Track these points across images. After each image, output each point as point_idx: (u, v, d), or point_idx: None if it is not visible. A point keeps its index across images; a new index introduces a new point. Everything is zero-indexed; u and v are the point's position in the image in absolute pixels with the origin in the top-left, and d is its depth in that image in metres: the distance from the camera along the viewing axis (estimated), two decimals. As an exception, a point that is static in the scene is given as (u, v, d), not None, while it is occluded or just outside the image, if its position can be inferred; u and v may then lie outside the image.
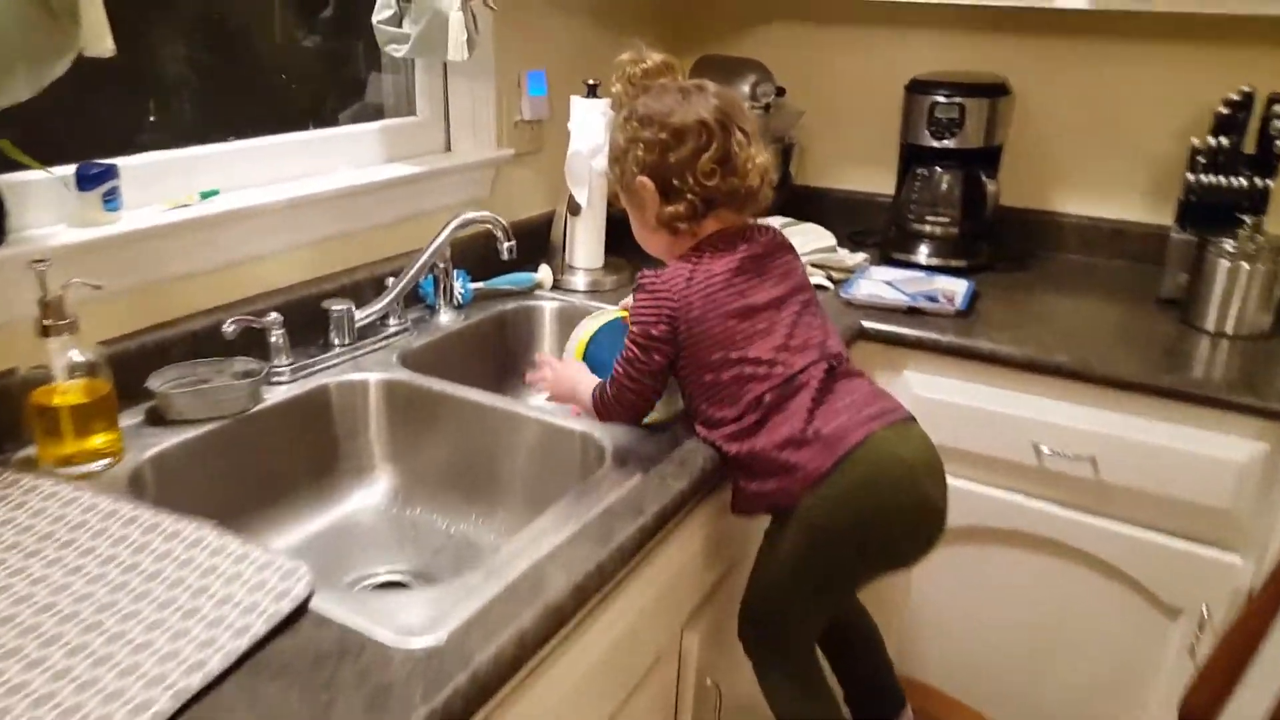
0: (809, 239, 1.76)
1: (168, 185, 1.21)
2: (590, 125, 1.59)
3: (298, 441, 1.20)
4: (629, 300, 1.31)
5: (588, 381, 1.20)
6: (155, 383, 1.11)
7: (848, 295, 1.65)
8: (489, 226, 1.37)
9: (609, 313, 1.32)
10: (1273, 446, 1.35)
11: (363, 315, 1.34)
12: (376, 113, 1.62)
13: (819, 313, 1.16)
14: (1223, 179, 1.58)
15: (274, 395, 1.18)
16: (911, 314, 1.61)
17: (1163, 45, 1.80)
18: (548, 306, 1.60)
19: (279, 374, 1.22)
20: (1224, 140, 1.57)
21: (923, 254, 1.86)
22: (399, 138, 1.56)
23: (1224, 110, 1.58)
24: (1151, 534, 1.45)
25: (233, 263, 1.26)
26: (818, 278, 1.73)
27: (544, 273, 1.65)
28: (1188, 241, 1.63)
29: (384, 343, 1.36)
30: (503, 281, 1.61)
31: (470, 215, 1.37)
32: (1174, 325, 1.59)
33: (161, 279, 1.18)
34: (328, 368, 1.27)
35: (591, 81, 1.61)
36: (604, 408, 1.15)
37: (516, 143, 1.73)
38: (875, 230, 2.00)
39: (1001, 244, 1.90)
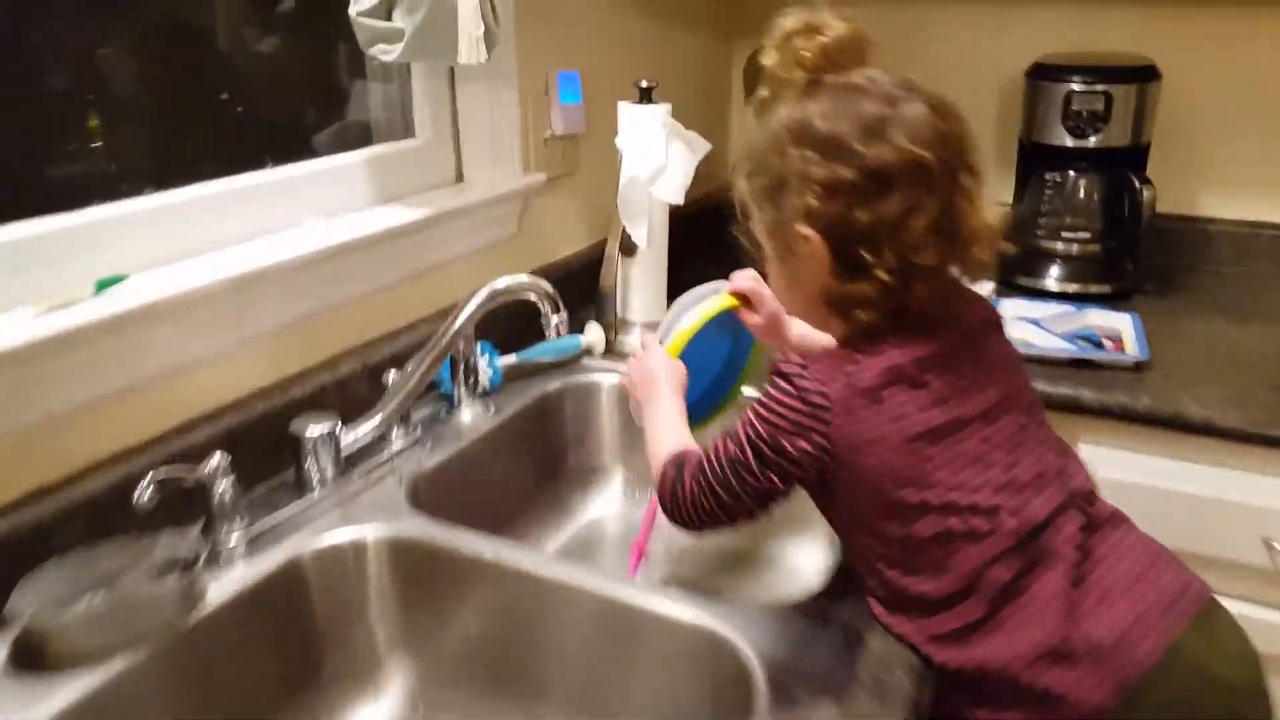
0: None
1: (44, 273, 0.75)
2: (646, 140, 1.13)
3: (263, 649, 0.75)
4: (743, 277, 0.88)
5: (666, 424, 0.79)
6: (24, 600, 0.65)
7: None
8: (529, 296, 0.91)
9: (716, 299, 0.89)
10: None
11: (352, 438, 0.88)
12: (363, 135, 1.16)
13: (1045, 423, 0.71)
14: None
15: (222, 584, 0.73)
16: (1077, 366, 1.16)
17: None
18: (605, 383, 1.14)
19: (229, 547, 0.76)
20: None
21: (1052, 278, 1.40)
22: (393, 168, 1.10)
23: None
24: None
25: (153, 378, 0.80)
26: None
27: (593, 333, 1.19)
28: None
29: (385, 468, 0.91)
30: (542, 352, 1.15)
31: (503, 283, 0.91)
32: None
33: (35, 422, 0.72)
34: (304, 525, 0.81)
35: (645, 83, 1.15)
36: (670, 494, 0.72)
37: (548, 164, 1.26)
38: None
39: (1141, 261, 1.44)
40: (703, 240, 1.27)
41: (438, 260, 1.12)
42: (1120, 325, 1.25)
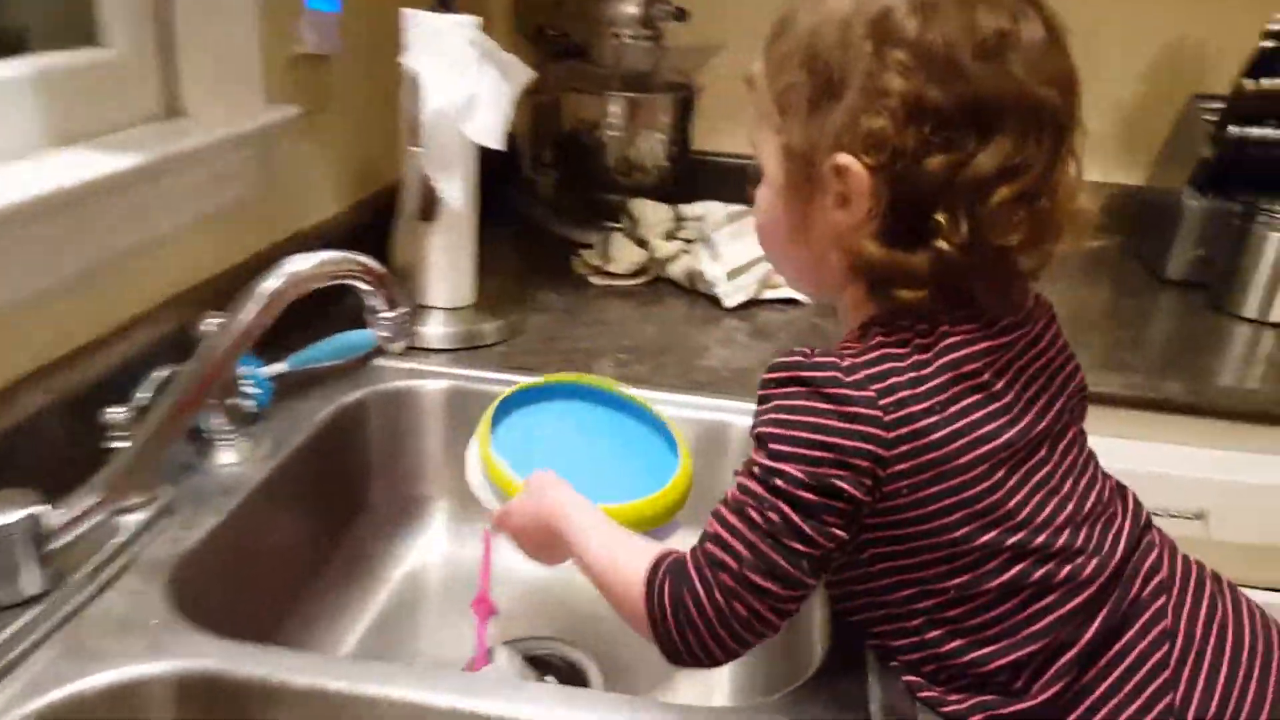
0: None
1: None
2: (450, 62, 0.90)
3: None
4: None
5: (599, 537, 0.60)
6: None
7: (849, 317, 1.12)
8: (353, 279, 0.66)
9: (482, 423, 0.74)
10: None
11: (62, 521, 0.58)
12: (13, 42, 0.80)
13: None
14: (1272, 132, 1.25)
15: None
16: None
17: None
18: (427, 389, 0.91)
19: None
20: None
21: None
22: (74, 93, 0.76)
23: (1268, 44, 1.23)
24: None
25: None
26: (786, 289, 1.19)
27: (385, 326, 0.94)
28: (1214, 209, 1.30)
29: (122, 558, 0.62)
30: (322, 354, 0.88)
31: (303, 264, 0.63)
32: (1208, 316, 1.25)
33: None
34: (8, 673, 0.52)
35: (442, -14, 0.92)
36: (677, 620, 0.52)
37: (297, 94, 0.98)
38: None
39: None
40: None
41: (152, 233, 0.81)
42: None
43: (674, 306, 1.16)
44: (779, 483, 0.50)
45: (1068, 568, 0.52)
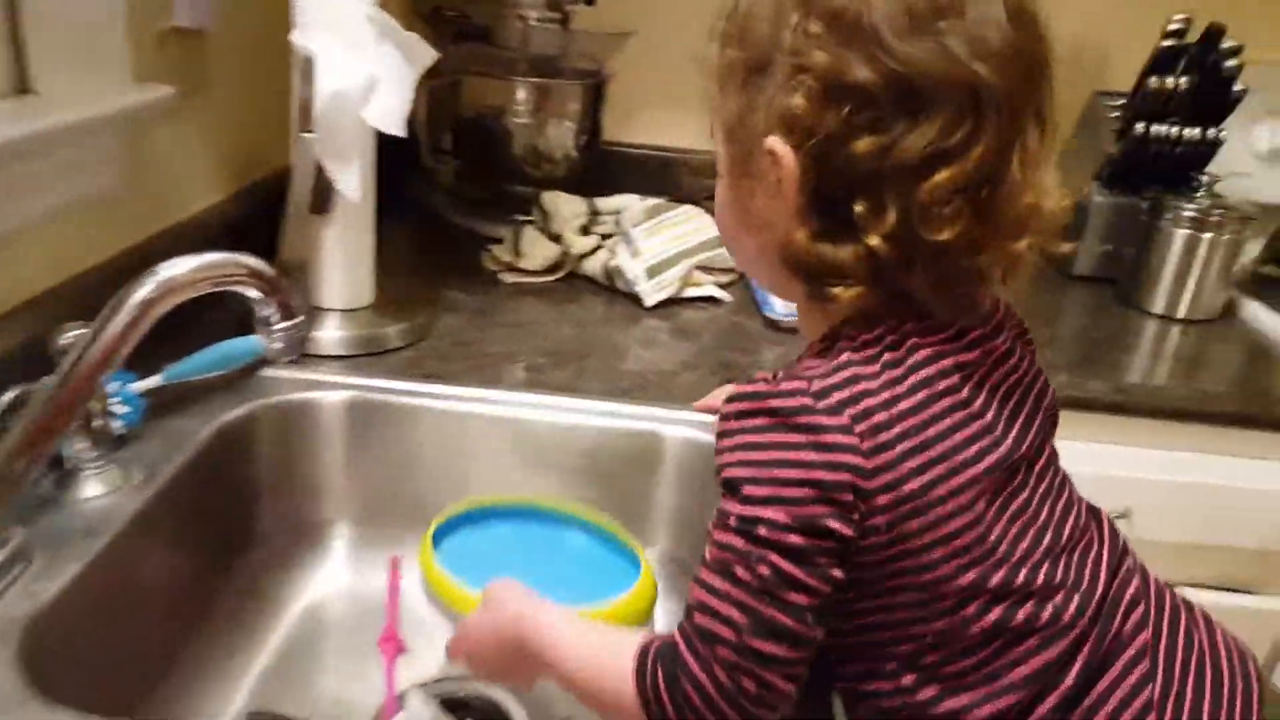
0: (688, 229, 1.15)
1: None
2: (349, 41, 0.81)
3: None
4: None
5: (575, 639, 0.52)
6: None
7: (775, 315, 1.08)
8: (240, 284, 0.57)
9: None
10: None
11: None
12: None
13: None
14: (1174, 129, 1.27)
15: None
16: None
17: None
18: (324, 401, 0.82)
19: None
20: (1183, 81, 1.25)
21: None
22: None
23: (1168, 43, 1.25)
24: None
25: None
26: (708, 287, 1.14)
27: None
28: (1120, 205, 1.32)
29: (-34, 617, 0.52)
30: (204, 364, 0.78)
31: (178, 270, 0.54)
32: (1116, 312, 1.27)
33: None
34: None
35: (336, -47, 0.83)
36: (675, 711, 0.46)
37: (169, 72, 0.87)
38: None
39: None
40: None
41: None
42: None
43: (591, 305, 1.10)
44: (762, 531, 0.45)
45: (1049, 609, 0.48)
